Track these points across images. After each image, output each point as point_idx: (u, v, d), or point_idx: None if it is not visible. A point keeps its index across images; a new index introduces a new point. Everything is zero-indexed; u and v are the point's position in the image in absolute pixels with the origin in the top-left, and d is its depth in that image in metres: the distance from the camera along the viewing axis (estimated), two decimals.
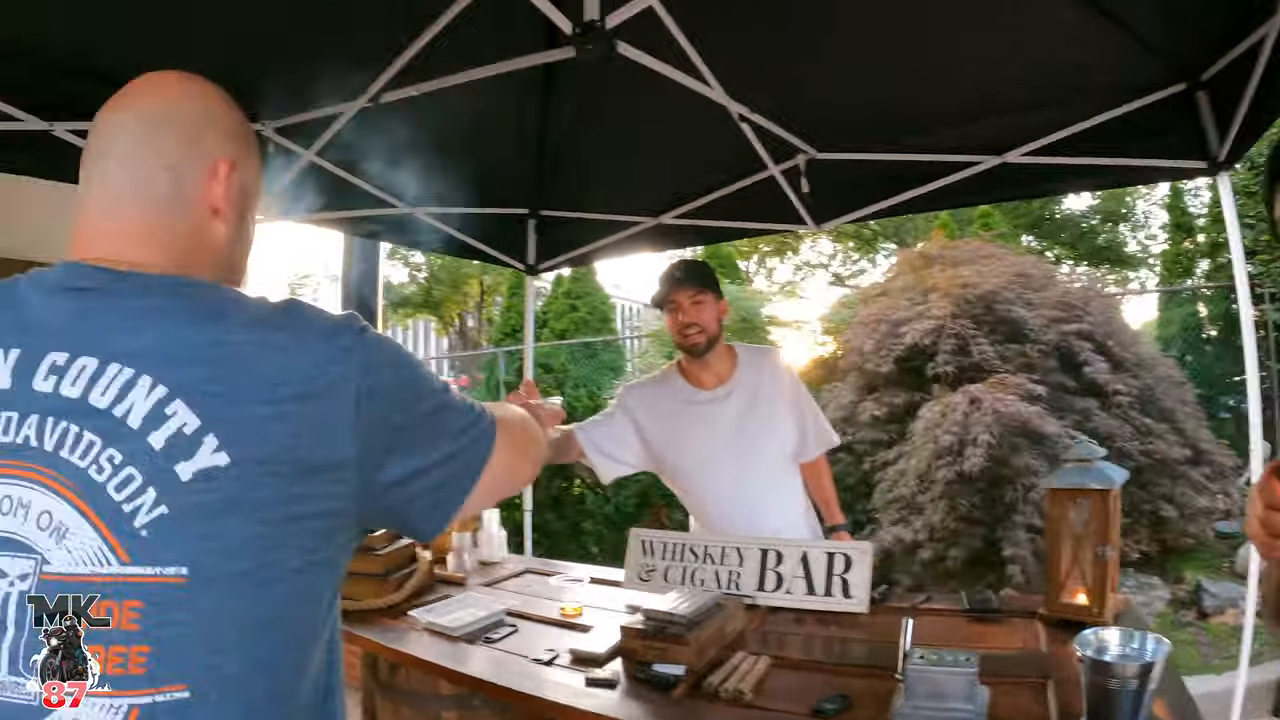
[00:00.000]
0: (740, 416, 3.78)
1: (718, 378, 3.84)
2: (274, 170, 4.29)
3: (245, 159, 1.46)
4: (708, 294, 3.73)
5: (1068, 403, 7.64)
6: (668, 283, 3.74)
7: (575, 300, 18.72)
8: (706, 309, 3.71)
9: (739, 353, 3.92)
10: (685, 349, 3.76)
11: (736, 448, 3.75)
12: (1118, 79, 3.80)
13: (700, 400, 3.82)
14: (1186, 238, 14.41)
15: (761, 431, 3.78)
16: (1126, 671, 1.87)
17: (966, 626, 2.89)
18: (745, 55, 3.78)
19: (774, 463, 3.82)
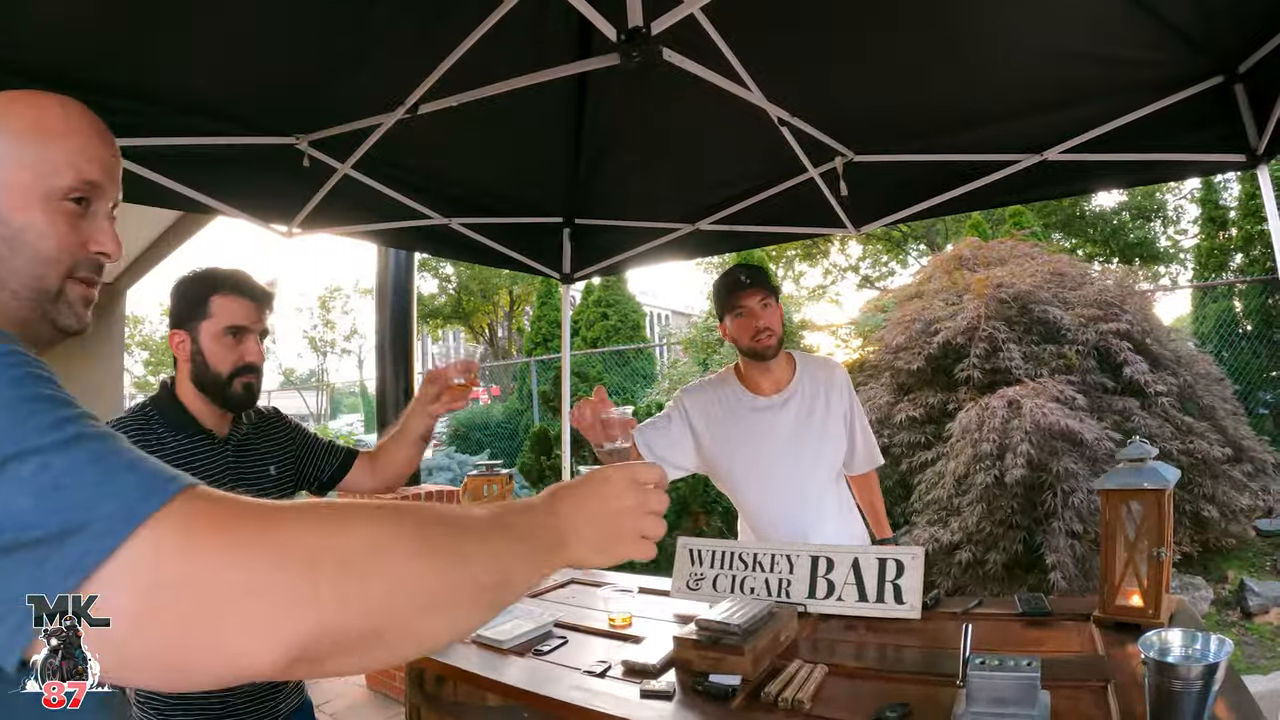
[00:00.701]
0: (796, 425, 3.77)
1: (776, 385, 3.83)
2: (308, 183, 4.31)
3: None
4: (773, 297, 3.72)
5: (1107, 403, 7.59)
6: (734, 288, 3.72)
7: (606, 308, 18.79)
8: (774, 312, 3.70)
9: (798, 361, 3.92)
10: (756, 353, 3.72)
11: (791, 456, 3.74)
12: (1155, 73, 3.76)
13: (758, 407, 3.80)
14: (1220, 231, 14.32)
15: (816, 441, 3.77)
16: (1191, 673, 1.86)
17: (1021, 630, 2.86)
18: (783, 58, 3.77)
19: (827, 472, 3.80)
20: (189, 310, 2.77)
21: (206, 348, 2.74)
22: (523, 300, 32.73)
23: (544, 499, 1.28)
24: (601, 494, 1.32)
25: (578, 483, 1.34)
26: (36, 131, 1.29)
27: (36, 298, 1.27)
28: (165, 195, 3.90)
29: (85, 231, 1.33)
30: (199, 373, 2.76)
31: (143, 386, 36.08)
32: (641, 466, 1.38)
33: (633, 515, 1.33)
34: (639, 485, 1.35)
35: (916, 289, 9.82)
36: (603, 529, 1.30)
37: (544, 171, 5.08)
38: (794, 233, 5.60)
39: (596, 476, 1.35)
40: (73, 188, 1.30)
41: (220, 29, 3.14)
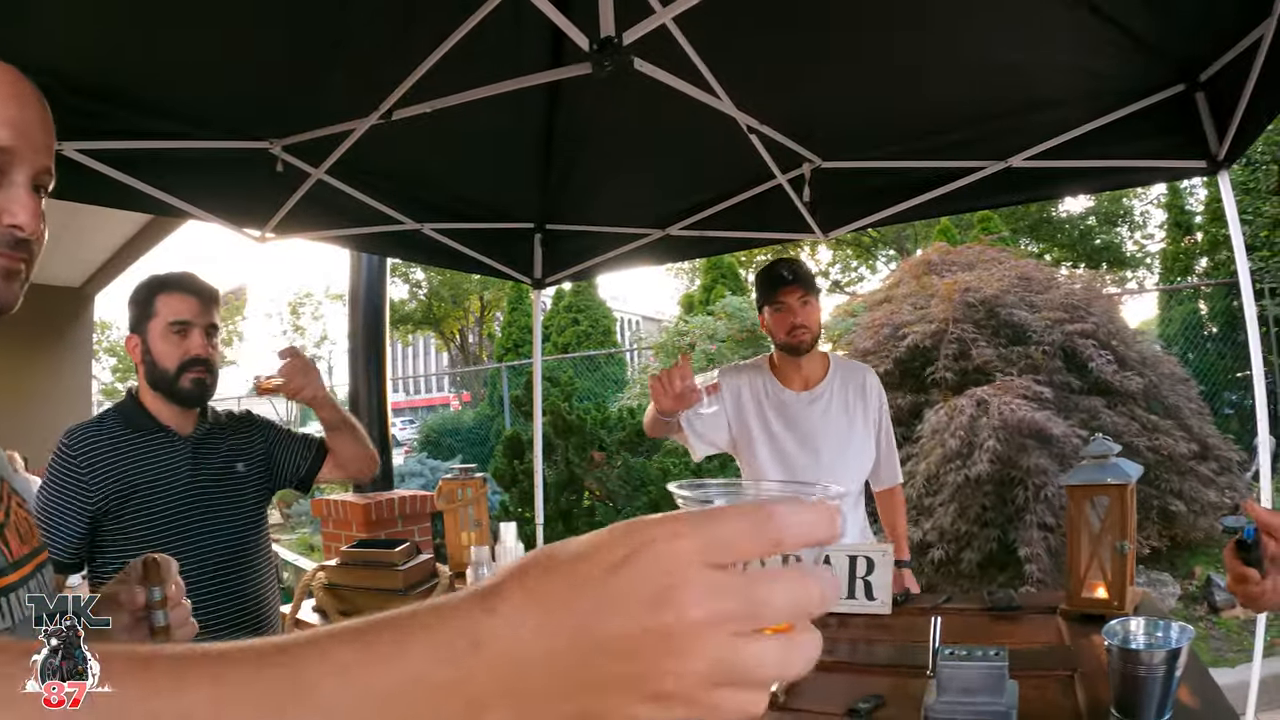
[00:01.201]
0: (822, 423, 3.82)
1: (806, 381, 3.88)
2: (281, 188, 4.33)
3: None
4: (813, 295, 3.78)
5: (1074, 402, 7.72)
6: (776, 282, 3.77)
7: (577, 314, 18.83)
8: (813, 310, 3.76)
9: (833, 362, 3.97)
10: (791, 348, 3.78)
11: (812, 454, 3.79)
12: (1118, 81, 3.84)
13: (785, 400, 3.86)
14: (1185, 236, 14.51)
15: (839, 443, 3.82)
16: (1154, 659, 1.91)
17: (989, 624, 2.92)
18: (752, 68, 3.82)
19: (849, 475, 3.83)
20: (139, 313, 2.86)
21: (154, 346, 2.83)
22: (493, 306, 32.72)
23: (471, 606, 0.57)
24: (604, 604, 0.54)
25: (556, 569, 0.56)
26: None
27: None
28: (137, 198, 3.90)
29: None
30: (150, 372, 2.85)
31: (110, 394, 35.73)
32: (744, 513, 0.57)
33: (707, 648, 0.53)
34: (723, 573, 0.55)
35: (886, 294, 9.93)
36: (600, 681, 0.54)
37: (516, 177, 5.11)
38: (763, 238, 5.67)
39: (607, 555, 0.55)
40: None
41: (194, 32, 3.17)
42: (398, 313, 31.85)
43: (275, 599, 3.14)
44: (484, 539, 4.21)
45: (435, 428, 19.84)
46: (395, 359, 52.44)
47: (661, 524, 0.55)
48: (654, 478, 9.43)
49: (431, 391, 50.08)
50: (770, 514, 0.56)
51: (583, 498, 10.02)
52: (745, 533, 0.55)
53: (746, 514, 0.56)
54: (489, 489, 5.60)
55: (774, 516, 0.56)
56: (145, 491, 2.77)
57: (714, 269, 18.21)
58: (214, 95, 3.66)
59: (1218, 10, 3.38)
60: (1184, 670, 1.95)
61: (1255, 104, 3.53)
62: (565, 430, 9.78)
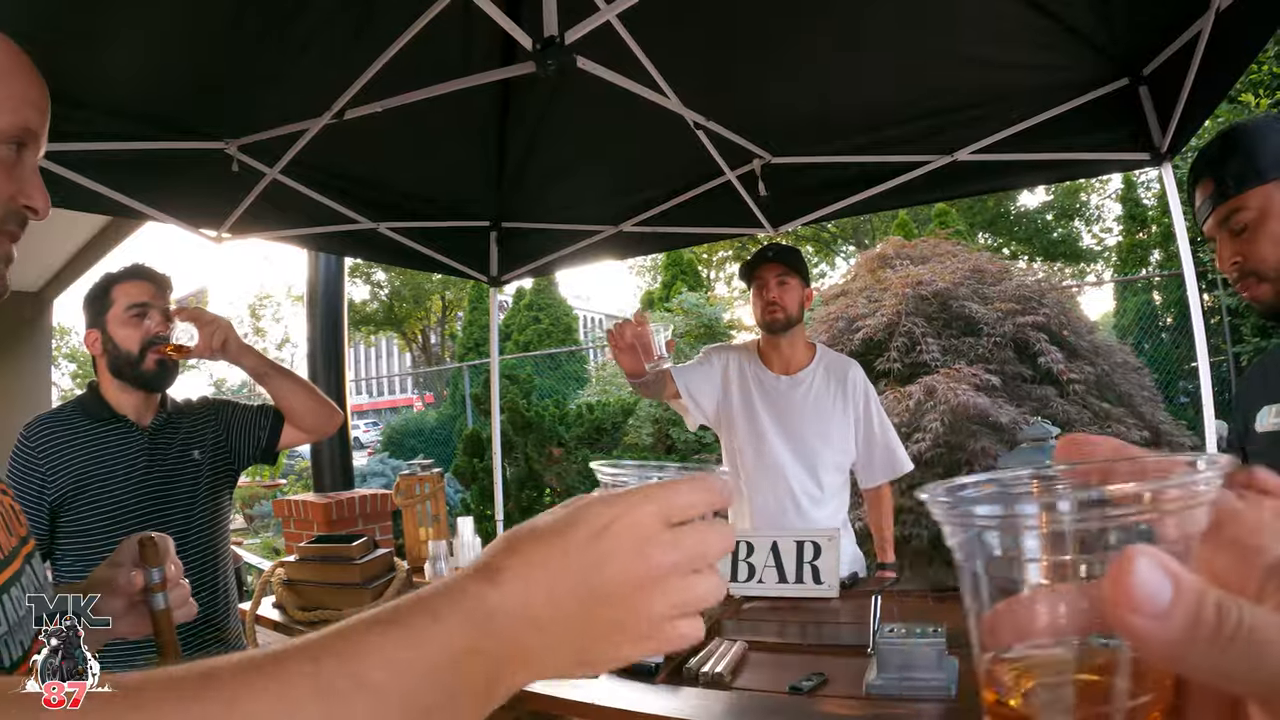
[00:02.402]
0: (799, 410, 3.86)
1: (787, 367, 3.93)
2: (237, 189, 4.34)
3: None
4: (794, 277, 3.81)
5: (1025, 391, 7.82)
6: (757, 259, 3.84)
7: (538, 312, 18.81)
8: (790, 291, 3.80)
9: (819, 352, 4.00)
10: (764, 325, 3.85)
11: (786, 437, 3.84)
12: (1062, 76, 3.92)
13: (765, 383, 3.91)
14: (1140, 229, 14.65)
15: (814, 429, 3.85)
16: None
17: (935, 605, 2.97)
18: (699, 65, 3.88)
19: (825, 465, 3.86)
20: (96, 308, 2.90)
21: (115, 333, 2.86)
22: (455, 306, 32.61)
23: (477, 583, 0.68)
24: (590, 562, 0.69)
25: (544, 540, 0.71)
26: None
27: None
28: (94, 200, 3.91)
29: (15, 181, 1.19)
30: (113, 360, 2.87)
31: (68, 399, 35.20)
32: (678, 487, 0.74)
33: (655, 590, 0.70)
34: (668, 532, 0.72)
35: (843, 288, 10.00)
36: (589, 624, 0.70)
37: (470, 176, 5.15)
38: (714, 233, 5.72)
39: (583, 525, 0.70)
40: (11, 132, 1.18)
41: (149, 33, 3.19)
42: (359, 314, 31.71)
43: (232, 592, 3.14)
44: (442, 534, 4.24)
45: (398, 429, 19.77)
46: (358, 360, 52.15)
47: (629, 497, 0.71)
48: None
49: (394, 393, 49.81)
50: (706, 484, 0.74)
51: (543, 494, 10.04)
52: (693, 501, 0.73)
53: (693, 484, 0.74)
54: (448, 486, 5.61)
55: (709, 487, 0.74)
56: (101, 481, 2.78)
57: (674, 266, 18.25)
58: (168, 96, 3.67)
59: (1158, 6, 3.45)
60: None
61: (1194, 97, 3.62)
62: (524, 427, 9.81)
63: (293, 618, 3.49)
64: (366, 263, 29.44)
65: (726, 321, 11.91)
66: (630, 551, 0.69)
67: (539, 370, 16.84)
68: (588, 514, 0.70)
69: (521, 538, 0.71)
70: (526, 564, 0.68)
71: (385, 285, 32.55)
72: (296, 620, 3.46)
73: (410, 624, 0.64)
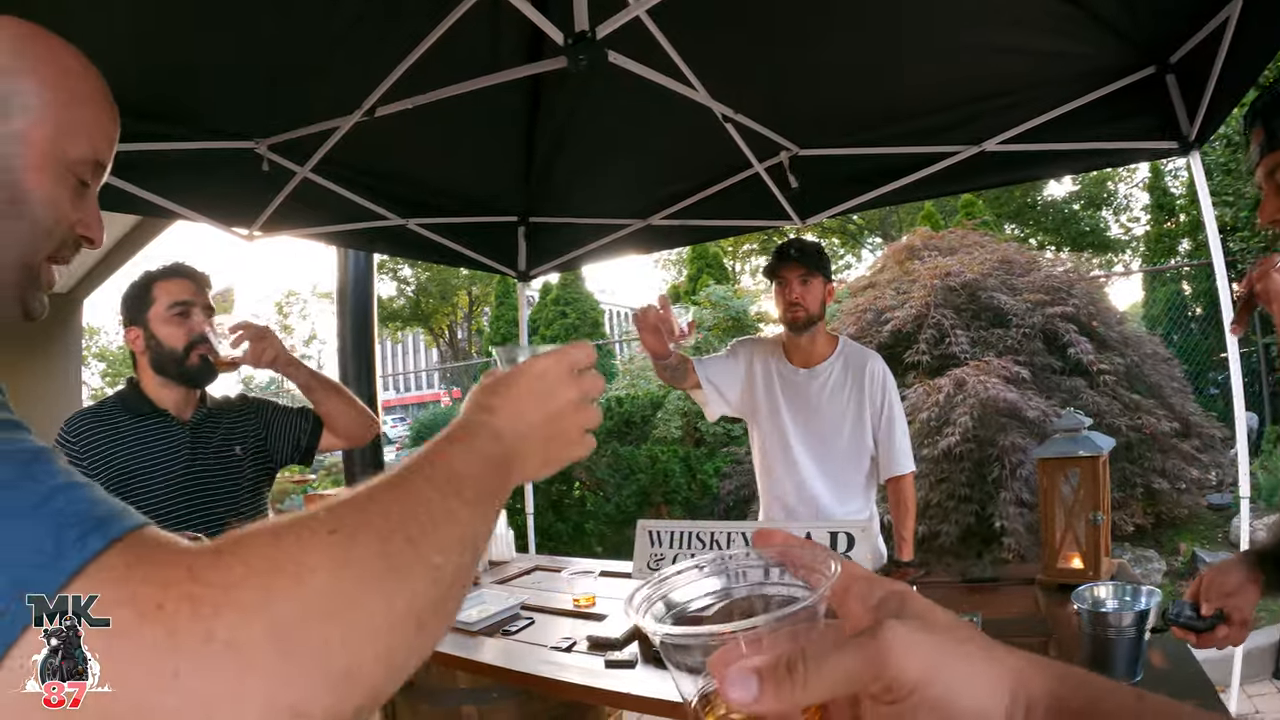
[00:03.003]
0: (819, 402, 3.89)
1: (808, 360, 3.95)
2: (268, 187, 4.38)
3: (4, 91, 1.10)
4: (817, 276, 3.83)
5: (1055, 383, 7.79)
6: (780, 258, 3.85)
7: (565, 307, 18.81)
8: (813, 290, 3.82)
9: (841, 344, 4.02)
10: (786, 323, 3.88)
11: (806, 428, 3.88)
12: (1089, 65, 3.89)
13: (786, 375, 3.94)
14: (1168, 219, 14.54)
15: (832, 421, 3.88)
16: (1122, 621, 1.97)
17: (966, 596, 2.99)
18: (727, 58, 3.87)
19: (844, 457, 3.89)
20: (136, 306, 2.91)
21: (158, 331, 2.88)
22: (481, 301, 32.66)
23: (480, 417, 1.05)
24: (539, 393, 1.10)
25: (511, 384, 1.10)
26: (69, 88, 1.15)
27: (20, 272, 1.12)
28: (129, 201, 3.96)
29: (79, 210, 1.18)
30: (156, 356, 2.89)
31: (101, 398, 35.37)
32: (574, 349, 1.15)
33: (574, 410, 1.14)
34: (576, 375, 1.14)
35: (870, 280, 9.97)
36: (547, 435, 1.11)
37: (499, 171, 5.17)
38: (742, 225, 5.74)
39: (530, 371, 1.12)
40: (85, 162, 1.16)
41: (179, 36, 3.21)
42: (386, 310, 31.79)
43: None
44: None
45: (426, 424, 19.82)
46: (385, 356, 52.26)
47: (551, 356, 1.13)
48: (643, 466, 9.48)
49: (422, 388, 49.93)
50: (587, 349, 1.16)
51: (573, 487, 10.05)
52: (583, 357, 1.15)
53: (580, 348, 1.16)
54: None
55: (588, 349, 1.16)
56: (144, 476, 2.81)
57: (699, 259, 18.24)
58: (199, 97, 3.70)
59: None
60: (1154, 634, 2.01)
61: (1223, 84, 3.58)
62: None
63: None
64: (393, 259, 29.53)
65: (754, 314, 11.89)
66: (560, 385, 1.12)
67: None
68: (532, 367, 1.12)
69: (495, 385, 1.11)
70: (506, 400, 1.08)
71: (412, 281, 32.63)
72: None
73: (465, 441, 1.01)
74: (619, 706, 2.42)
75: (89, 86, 1.19)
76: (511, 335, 18.66)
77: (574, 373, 1.14)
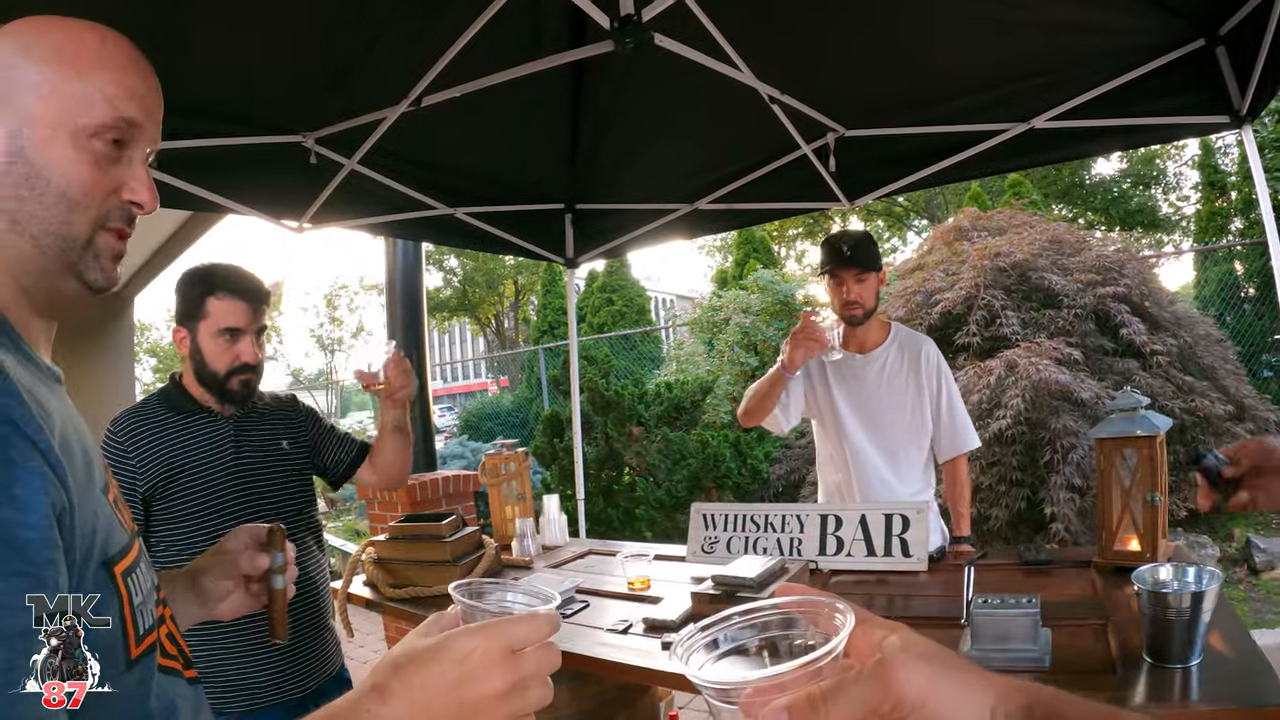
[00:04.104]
0: (874, 386, 3.90)
1: (862, 345, 3.97)
2: (316, 180, 4.42)
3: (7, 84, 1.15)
4: (871, 272, 3.84)
5: (1108, 364, 7.71)
6: (836, 256, 3.84)
7: (611, 294, 18.87)
8: (868, 286, 3.83)
9: (894, 330, 4.03)
10: (844, 319, 3.90)
11: (864, 413, 3.90)
12: (1137, 39, 3.85)
13: (839, 361, 3.92)
14: (1219, 196, 14.33)
15: (889, 405, 3.89)
16: (1182, 602, 1.96)
17: (1023, 578, 2.97)
18: (772, 39, 3.86)
19: (904, 438, 3.90)
20: (188, 309, 2.91)
21: (204, 346, 2.88)
22: (527, 290, 32.82)
23: (367, 705, 0.93)
24: (454, 682, 0.93)
25: (422, 665, 0.95)
26: (69, 61, 1.16)
27: (62, 246, 1.15)
28: (181, 197, 4.00)
29: (117, 176, 1.19)
30: (198, 368, 2.91)
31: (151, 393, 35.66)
32: (520, 623, 0.97)
33: (503, 702, 0.95)
34: (513, 658, 0.95)
35: (918, 261, 9.93)
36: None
37: (544, 157, 5.17)
38: (790, 208, 5.73)
39: (450, 653, 0.95)
40: (105, 125, 1.17)
41: (226, 32, 3.23)
42: (433, 300, 31.97)
43: (324, 575, 3.20)
44: (528, 511, 4.29)
45: (474, 413, 19.95)
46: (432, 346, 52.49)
47: (485, 631, 0.95)
48: (693, 451, 9.47)
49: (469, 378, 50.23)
50: (538, 621, 0.97)
51: (623, 473, 10.07)
52: (528, 634, 0.95)
53: (529, 621, 0.97)
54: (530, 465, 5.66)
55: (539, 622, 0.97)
56: (190, 471, 2.84)
57: (746, 244, 18.20)
58: (246, 93, 3.73)
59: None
60: (1213, 615, 1.99)
61: (1275, 56, 3.53)
62: (603, 406, 9.85)
63: (384, 595, 3.57)
64: (439, 249, 29.70)
65: (801, 298, 11.85)
66: (485, 674, 0.93)
67: (614, 351, 16.88)
68: (454, 644, 0.94)
69: (404, 662, 0.95)
70: (408, 685, 0.93)
71: (458, 272, 32.80)
72: (387, 598, 3.54)
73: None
74: (676, 687, 2.43)
75: (101, 54, 1.20)
76: (559, 323, 18.71)
77: (509, 655, 0.95)
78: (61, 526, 0.92)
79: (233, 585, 1.64)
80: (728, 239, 25.05)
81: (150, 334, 34.64)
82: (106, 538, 1.02)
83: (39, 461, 0.90)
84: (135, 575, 1.09)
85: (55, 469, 0.92)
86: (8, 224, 1.12)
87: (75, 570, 0.94)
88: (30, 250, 1.13)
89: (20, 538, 0.86)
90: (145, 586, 1.12)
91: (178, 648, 1.20)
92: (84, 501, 0.97)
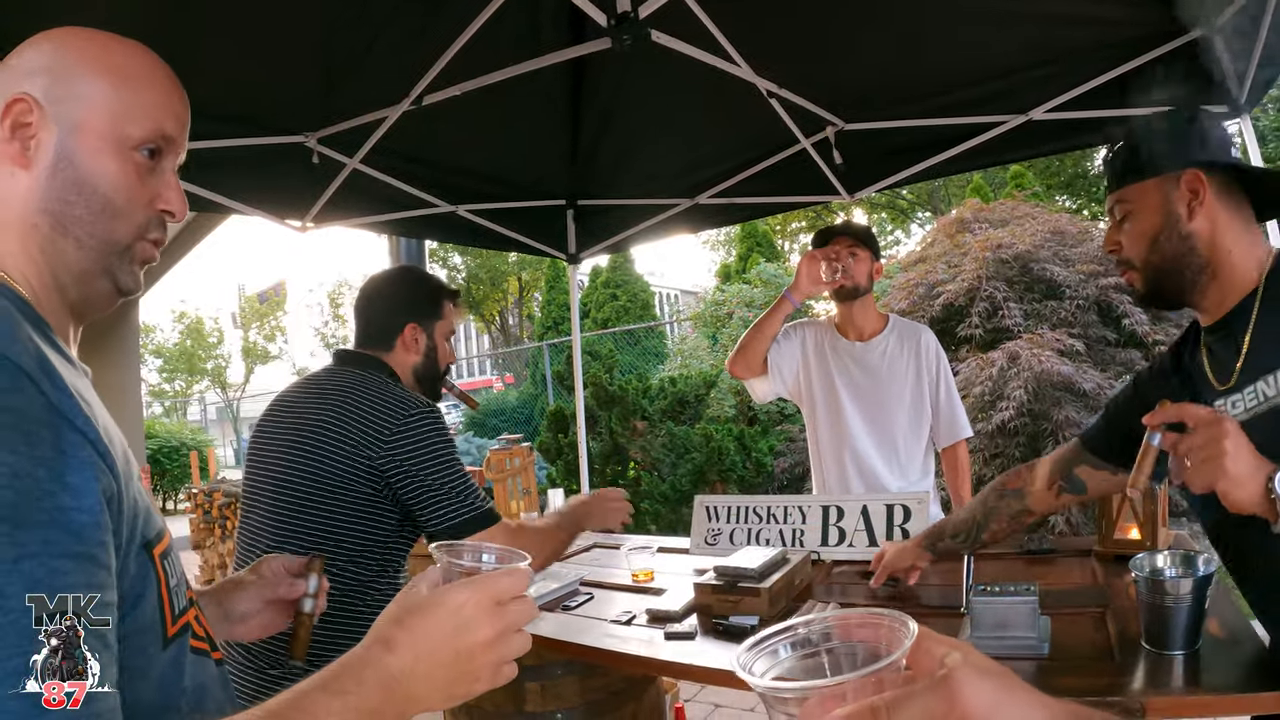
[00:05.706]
0: (874, 372, 3.92)
1: (861, 334, 3.99)
2: (319, 179, 4.43)
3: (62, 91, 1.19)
4: (865, 249, 3.88)
5: (1110, 355, 7.69)
6: (829, 232, 3.93)
7: (615, 289, 18.84)
8: (860, 262, 3.86)
9: (892, 320, 4.06)
10: (834, 292, 3.94)
11: (862, 399, 3.90)
12: (1134, 30, 3.85)
13: (840, 348, 3.96)
14: None
15: (888, 392, 3.90)
16: (1180, 589, 1.98)
17: (1024, 567, 3.00)
18: (770, 33, 3.86)
19: (905, 426, 3.91)
20: (424, 306, 2.90)
21: (439, 346, 2.93)
22: (531, 286, 32.77)
23: (375, 654, 1.04)
24: (452, 629, 1.04)
25: (422, 616, 1.06)
26: (120, 75, 1.23)
27: (104, 250, 1.21)
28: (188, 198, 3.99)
29: (154, 186, 1.26)
30: (428, 365, 2.91)
31: (158, 394, 35.89)
32: (504, 578, 1.09)
33: (489, 647, 1.06)
34: (499, 608, 1.07)
35: (921, 254, 9.92)
36: (452, 675, 1.06)
37: (545, 154, 5.18)
38: (791, 202, 5.71)
39: (446, 605, 1.06)
40: (147, 139, 1.24)
41: (227, 34, 3.25)
42: None
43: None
44: (533, 506, 4.32)
45: (480, 409, 19.95)
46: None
47: (474, 584, 1.07)
48: (697, 445, 9.48)
49: (474, 375, 50.15)
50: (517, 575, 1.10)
51: (628, 468, 10.08)
52: (511, 586, 1.08)
53: (510, 575, 1.10)
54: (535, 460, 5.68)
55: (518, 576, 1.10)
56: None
57: (748, 238, 18.17)
58: (249, 94, 3.76)
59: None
60: (1211, 603, 2.01)
61: (1271, 44, 3.54)
62: (608, 401, 9.86)
63: None
64: (443, 247, 29.69)
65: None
66: (477, 623, 1.05)
67: (618, 346, 16.88)
68: (449, 597, 1.06)
69: (405, 615, 1.06)
70: (411, 636, 1.04)
71: (462, 269, 32.79)
72: None
73: (345, 689, 1.00)
74: (680, 677, 2.46)
75: (148, 72, 1.28)
76: (564, 319, 18.70)
77: (496, 605, 1.07)
78: (110, 511, 0.98)
79: (255, 607, 1.73)
80: (730, 233, 25.07)
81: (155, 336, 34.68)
82: (146, 522, 1.08)
83: (89, 451, 0.96)
84: (170, 558, 1.15)
85: (104, 458, 0.98)
86: (52, 225, 1.18)
87: (120, 552, 1.00)
88: (74, 252, 1.19)
89: (76, 521, 0.92)
90: (178, 570, 1.18)
91: (205, 631, 1.25)
92: (127, 488, 1.03)
